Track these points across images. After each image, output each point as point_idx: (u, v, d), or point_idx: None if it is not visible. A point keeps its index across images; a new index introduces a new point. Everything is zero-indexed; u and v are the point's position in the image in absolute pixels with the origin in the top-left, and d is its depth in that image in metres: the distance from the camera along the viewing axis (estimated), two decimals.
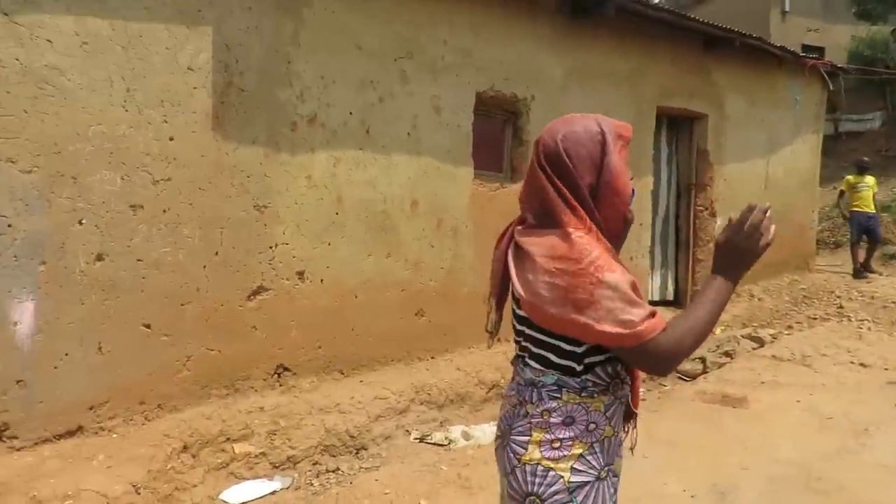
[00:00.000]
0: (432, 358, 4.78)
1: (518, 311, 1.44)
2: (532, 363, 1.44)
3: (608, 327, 1.26)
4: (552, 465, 1.36)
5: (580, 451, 1.37)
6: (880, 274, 8.49)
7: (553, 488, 1.35)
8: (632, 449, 1.54)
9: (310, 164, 4.08)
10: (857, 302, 7.13)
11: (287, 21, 3.99)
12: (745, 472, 3.33)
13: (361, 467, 3.70)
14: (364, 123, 4.32)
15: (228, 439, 3.52)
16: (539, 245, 1.35)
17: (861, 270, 8.39)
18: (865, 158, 9.35)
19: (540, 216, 1.40)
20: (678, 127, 7.06)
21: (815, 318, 6.84)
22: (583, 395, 1.39)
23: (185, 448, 3.30)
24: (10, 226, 3.11)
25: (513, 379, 1.54)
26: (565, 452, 1.37)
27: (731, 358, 5.83)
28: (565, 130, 1.41)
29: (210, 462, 3.36)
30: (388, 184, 4.46)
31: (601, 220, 1.38)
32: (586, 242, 1.32)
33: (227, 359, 3.75)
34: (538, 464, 1.37)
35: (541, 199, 1.39)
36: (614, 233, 1.42)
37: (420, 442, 4.14)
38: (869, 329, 6.25)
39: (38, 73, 3.20)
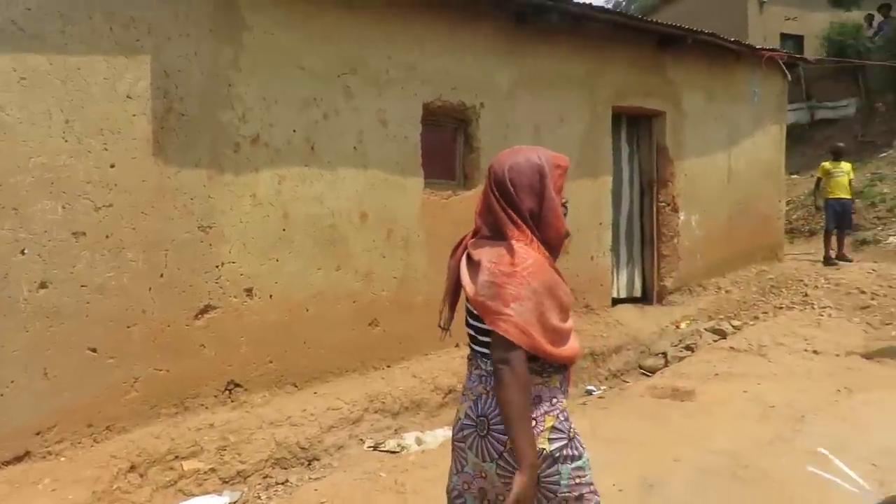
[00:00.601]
0: (388, 367, 4.87)
1: (475, 311, 1.68)
2: None
3: (521, 320, 1.56)
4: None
5: (551, 423, 1.65)
6: (851, 261, 8.55)
7: (539, 459, 1.60)
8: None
9: (254, 183, 4.18)
10: (822, 290, 7.19)
11: (226, 46, 4.09)
12: (678, 463, 3.42)
13: (310, 478, 3.79)
14: (309, 141, 4.42)
15: (177, 457, 3.61)
16: (487, 254, 1.65)
17: (831, 258, 8.45)
18: (841, 144, 9.38)
19: (493, 230, 1.70)
20: (638, 125, 7.15)
21: (781, 308, 6.91)
22: (543, 376, 1.67)
23: (132, 468, 3.40)
24: None
25: (471, 373, 1.77)
26: (541, 428, 1.63)
27: (692, 351, 5.93)
28: (511, 162, 1.71)
29: (158, 480, 3.46)
30: (335, 198, 4.56)
31: (542, 234, 1.68)
32: (524, 252, 1.62)
33: (175, 378, 3.85)
34: None
35: (493, 217, 1.70)
36: (554, 245, 1.72)
37: (374, 450, 4.24)
38: (830, 316, 6.33)
39: None
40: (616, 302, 6.90)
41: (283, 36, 4.30)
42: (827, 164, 8.88)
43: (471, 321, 1.73)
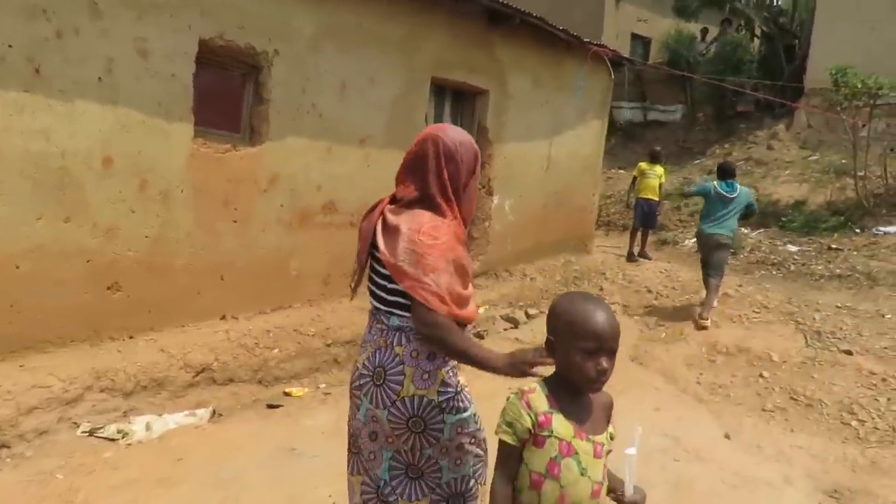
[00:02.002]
0: (130, 338, 4.23)
1: (384, 271, 1.82)
2: (400, 312, 1.82)
3: (440, 290, 1.73)
4: (424, 393, 1.81)
5: (442, 377, 1.83)
6: (651, 259, 9.05)
7: (428, 408, 1.81)
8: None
9: None
10: (616, 285, 7.51)
11: None
12: None
13: None
14: (32, 61, 3.59)
15: None
16: (407, 221, 1.78)
17: (633, 254, 8.89)
18: (657, 148, 9.83)
19: (417, 199, 1.83)
20: (463, 101, 6.91)
21: None
22: None
23: None
24: None
25: (371, 327, 1.92)
26: (431, 381, 1.81)
27: (482, 338, 5.85)
28: (460, 138, 1.90)
29: None
30: (68, 135, 3.79)
31: (461, 210, 1.88)
32: (447, 227, 1.79)
33: None
34: (414, 395, 1.80)
35: (423, 186, 1.83)
36: (467, 220, 1.93)
37: (89, 436, 3.63)
38: (615, 312, 6.56)
39: None
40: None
41: None
42: (643, 165, 9.26)
43: (378, 280, 1.86)
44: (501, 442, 1.57)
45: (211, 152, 4.51)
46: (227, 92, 4.76)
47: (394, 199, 1.90)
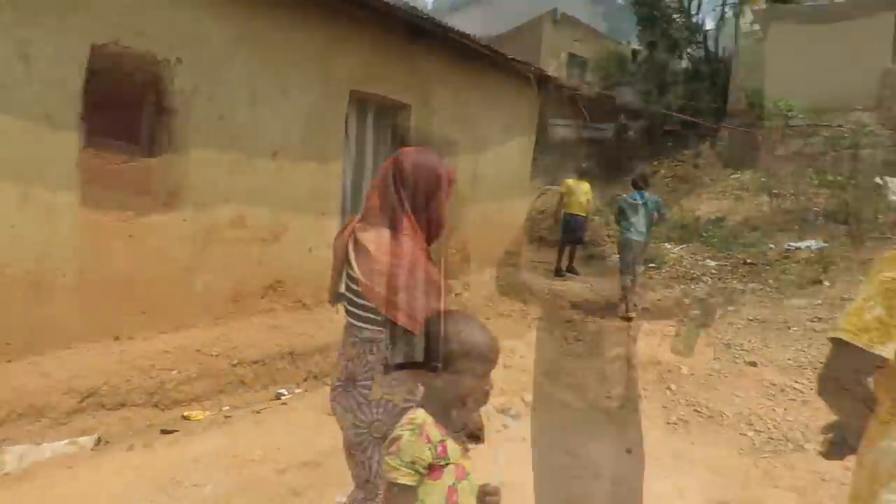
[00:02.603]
0: (8, 362, 3.95)
1: (357, 288, 1.91)
2: (371, 326, 1.91)
3: (410, 309, 1.79)
4: (390, 398, 1.90)
5: (409, 386, 1.88)
6: (579, 273, 9.17)
7: (391, 413, 1.86)
8: None
9: None
10: (541, 300, 7.55)
11: None
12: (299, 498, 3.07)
13: None
14: None
15: None
16: (374, 241, 1.89)
17: (561, 269, 8.98)
18: (584, 164, 10.03)
19: (382, 217, 1.94)
20: (386, 115, 6.85)
21: (501, 315, 7.10)
22: None
23: None
24: None
25: (346, 340, 2.02)
26: (399, 388, 1.89)
27: None
28: (420, 160, 1.99)
29: None
30: None
31: (429, 229, 1.97)
32: (409, 246, 1.88)
33: None
34: (381, 398, 1.90)
35: (386, 204, 1.94)
36: (435, 238, 2.01)
37: None
38: (537, 327, 6.60)
39: None
40: (342, 298, 6.54)
41: None
42: (570, 182, 9.41)
43: (352, 297, 1.95)
44: (398, 485, 1.43)
45: (104, 164, 4.30)
46: (125, 101, 4.55)
47: (363, 217, 2.02)
